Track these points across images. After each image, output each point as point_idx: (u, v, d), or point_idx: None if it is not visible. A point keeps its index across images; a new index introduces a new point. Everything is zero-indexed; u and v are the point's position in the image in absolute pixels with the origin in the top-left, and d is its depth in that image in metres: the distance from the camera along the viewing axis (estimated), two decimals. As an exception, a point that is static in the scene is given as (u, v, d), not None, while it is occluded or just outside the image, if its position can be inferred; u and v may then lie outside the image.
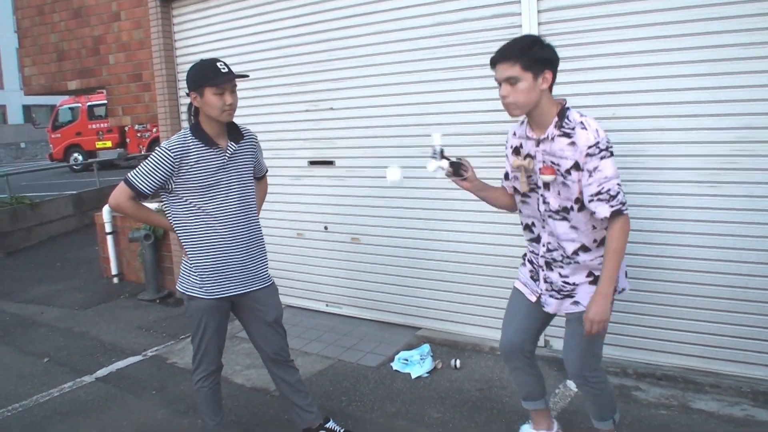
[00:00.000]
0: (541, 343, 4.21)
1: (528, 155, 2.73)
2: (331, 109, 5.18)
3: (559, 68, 3.84)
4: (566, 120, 2.61)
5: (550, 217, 2.73)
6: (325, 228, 5.42)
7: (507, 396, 3.86)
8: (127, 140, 20.37)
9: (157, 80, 6.16)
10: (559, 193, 2.66)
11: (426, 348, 4.50)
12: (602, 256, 2.65)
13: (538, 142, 2.67)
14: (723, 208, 3.66)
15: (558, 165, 2.62)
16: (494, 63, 2.63)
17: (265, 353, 3.31)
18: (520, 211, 2.92)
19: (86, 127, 21.12)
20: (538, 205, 2.77)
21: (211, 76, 2.89)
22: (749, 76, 3.49)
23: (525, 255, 3.01)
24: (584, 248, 2.71)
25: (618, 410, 3.07)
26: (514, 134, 2.86)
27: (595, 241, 2.70)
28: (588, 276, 2.75)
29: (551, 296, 2.83)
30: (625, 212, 2.55)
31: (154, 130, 18.44)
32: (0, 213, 9.25)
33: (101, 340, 5.42)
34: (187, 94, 2.98)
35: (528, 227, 2.89)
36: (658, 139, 3.78)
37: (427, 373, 4.24)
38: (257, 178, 3.33)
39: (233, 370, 4.48)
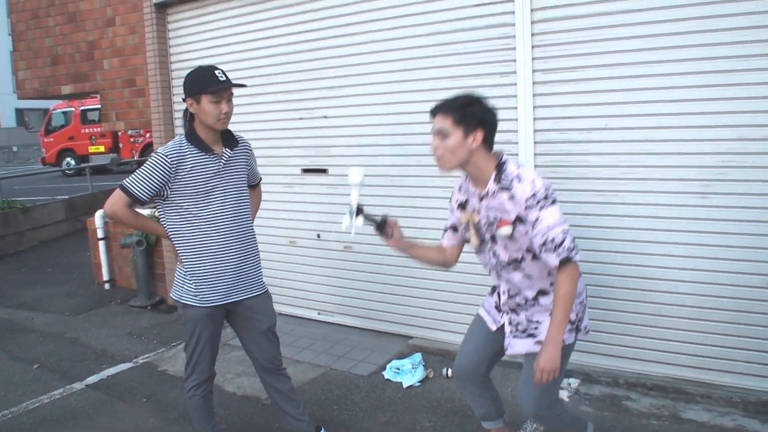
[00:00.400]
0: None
1: (474, 210, 2.74)
2: (325, 117, 5.19)
3: (550, 78, 3.89)
4: (504, 173, 2.60)
5: (503, 269, 2.74)
6: (318, 236, 5.42)
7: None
8: (120, 145, 20.31)
9: (152, 86, 6.15)
10: (506, 247, 2.66)
11: (418, 357, 4.50)
12: None
13: (481, 198, 2.67)
14: (713, 219, 3.68)
15: (501, 219, 2.62)
16: (433, 113, 2.64)
17: (258, 361, 3.30)
18: (479, 260, 2.90)
19: (79, 132, 21.04)
20: (489, 258, 2.78)
21: (208, 83, 2.89)
22: (740, 88, 3.52)
23: (492, 286, 3.01)
24: (543, 292, 2.71)
25: (588, 425, 3.04)
26: (460, 189, 2.85)
27: (552, 284, 2.68)
28: (551, 315, 2.66)
29: (515, 337, 2.81)
30: (573, 259, 2.50)
31: (147, 135, 18.40)
32: (-9, 217, 9.21)
33: (92, 346, 5.40)
34: (184, 100, 2.98)
35: (489, 273, 2.90)
36: (651, 150, 3.80)
37: (419, 382, 4.24)
38: (251, 187, 3.32)
39: (225, 378, 4.46)
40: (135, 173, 2.92)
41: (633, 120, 3.83)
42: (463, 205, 2.81)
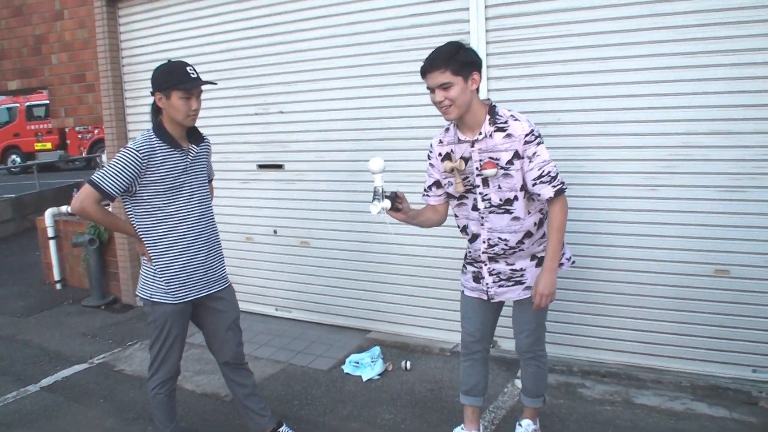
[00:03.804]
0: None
1: (462, 158, 2.83)
2: (281, 112, 5.17)
3: (505, 74, 3.95)
4: (497, 116, 2.77)
5: (491, 212, 2.85)
6: (275, 232, 5.40)
7: (457, 396, 3.88)
8: (68, 142, 19.87)
9: (102, 81, 6.04)
10: (499, 187, 2.79)
11: (376, 350, 4.53)
12: (542, 237, 2.87)
13: (473, 143, 2.78)
14: (662, 211, 3.80)
15: (497, 159, 2.75)
16: (424, 72, 2.74)
17: (222, 356, 3.30)
18: (456, 215, 3.03)
19: (24, 128, 20.49)
20: (476, 203, 2.88)
21: (180, 79, 2.89)
22: (687, 84, 3.63)
23: (464, 261, 3.13)
24: (528, 234, 2.87)
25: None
26: (441, 142, 2.94)
27: (535, 224, 2.87)
28: (532, 260, 2.93)
29: (500, 286, 2.96)
30: (565, 190, 2.75)
31: (96, 131, 18.05)
32: (-66, 217, 8.92)
33: (45, 348, 5.29)
34: (152, 93, 2.96)
35: (464, 229, 3.01)
36: (602, 144, 3.89)
37: (378, 375, 4.28)
38: None
39: (183, 376, 4.36)
40: (104, 168, 2.88)
41: (585, 115, 3.92)
42: (447, 156, 2.90)
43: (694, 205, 3.71)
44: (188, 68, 2.94)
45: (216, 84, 3.09)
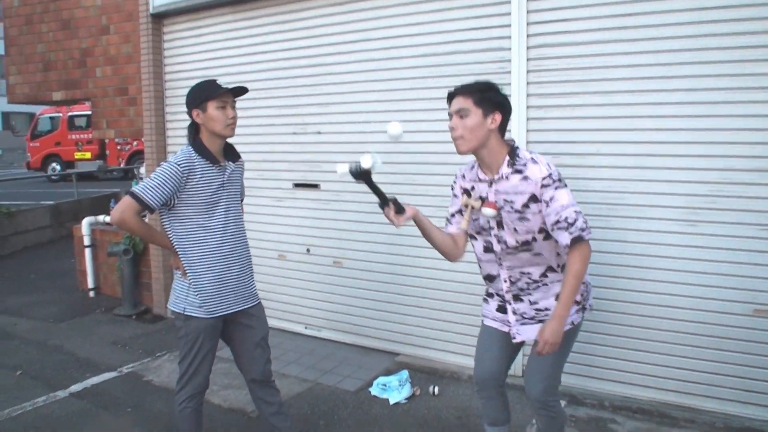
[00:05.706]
0: (518, 372, 4.27)
1: (480, 197, 2.79)
2: (319, 133, 5.21)
3: (544, 103, 3.93)
4: (517, 158, 2.69)
5: (508, 254, 2.77)
6: (308, 251, 5.43)
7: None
8: (107, 153, 20.24)
9: (145, 96, 6.15)
10: (515, 230, 2.71)
11: (405, 374, 4.51)
12: None
13: (491, 183, 2.73)
14: (702, 247, 3.74)
15: (512, 201, 2.68)
16: (450, 97, 2.71)
17: (250, 373, 3.30)
18: (479, 266, 2.97)
19: (66, 138, 20.93)
20: (491, 245, 2.82)
21: (212, 90, 2.99)
22: (729, 120, 3.60)
23: (486, 293, 3.04)
24: (551, 269, 2.77)
25: None
26: (464, 177, 2.90)
27: (559, 265, 2.77)
28: (557, 299, 2.74)
29: (523, 324, 2.85)
30: (585, 238, 2.59)
31: (135, 143, 18.37)
32: (-25, 221, 9.11)
33: (76, 354, 5.35)
34: (189, 114, 3.03)
35: (487, 277, 2.94)
36: (641, 176, 3.86)
37: (406, 399, 4.25)
38: None
39: (210, 389, 4.37)
40: (145, 181, 2.93)
41: (624, 147, 3.89)
42: (468, 192, 2.86)
43: (735, 242, 3.65)
44: (218, 82, 3.06)
45: (248, 90, 3.15)
